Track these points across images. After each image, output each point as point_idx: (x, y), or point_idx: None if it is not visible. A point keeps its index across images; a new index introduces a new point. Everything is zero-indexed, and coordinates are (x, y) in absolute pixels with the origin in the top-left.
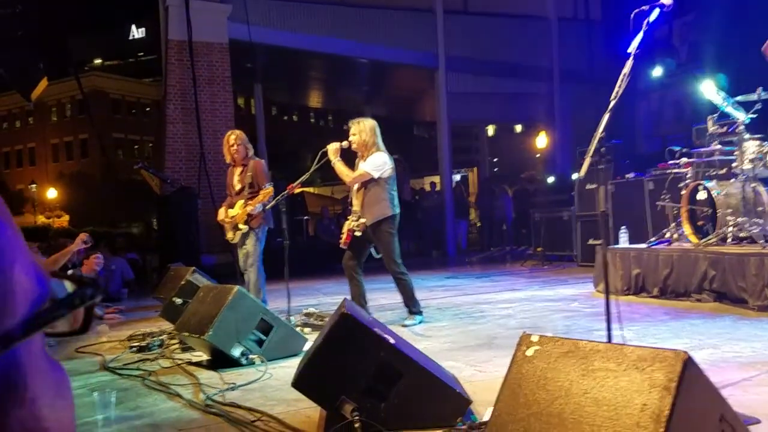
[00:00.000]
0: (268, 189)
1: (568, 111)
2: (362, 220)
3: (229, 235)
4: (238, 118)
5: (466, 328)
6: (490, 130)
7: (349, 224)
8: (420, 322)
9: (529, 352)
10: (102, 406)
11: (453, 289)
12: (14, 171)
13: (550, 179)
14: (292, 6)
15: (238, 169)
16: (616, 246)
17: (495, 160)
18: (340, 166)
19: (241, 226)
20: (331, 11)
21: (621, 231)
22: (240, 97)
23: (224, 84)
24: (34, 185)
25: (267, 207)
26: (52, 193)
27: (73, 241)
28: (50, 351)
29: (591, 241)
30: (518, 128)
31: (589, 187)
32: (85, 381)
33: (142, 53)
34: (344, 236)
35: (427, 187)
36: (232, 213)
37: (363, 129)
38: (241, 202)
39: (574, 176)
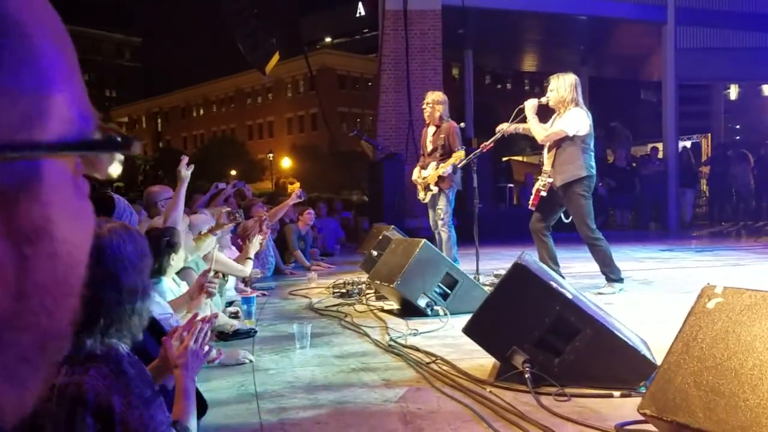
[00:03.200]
0: (460, 152)
1: None
2: (549, 180)
3: (421, 195)
4: (449, 86)
5: (672, 299)
6: (732, 92)
7: (537, 184)
8: (620, 291)
9: (710, 305)
10: (300, 336)
11: (666, 261)
12: (256, 142)
13: None
14: None
15: (432, 130)
16: None
17: (737, 127)
18: (533, 123)
19: (432, 187)
20: None
21: None
22: (453, 68)
23: (435, 51)
24: (271, 155)
25: (458, 166)
26: (286, 163)
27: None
28: (269, 292)
29: None
30: (766, 90)
31: None
32: (292, 317)
33: (366, 30)
34: (533, 197)
35: (647, 154)
36: (425, 174)
37: (561, 84)
38: (433, 163)
39: None
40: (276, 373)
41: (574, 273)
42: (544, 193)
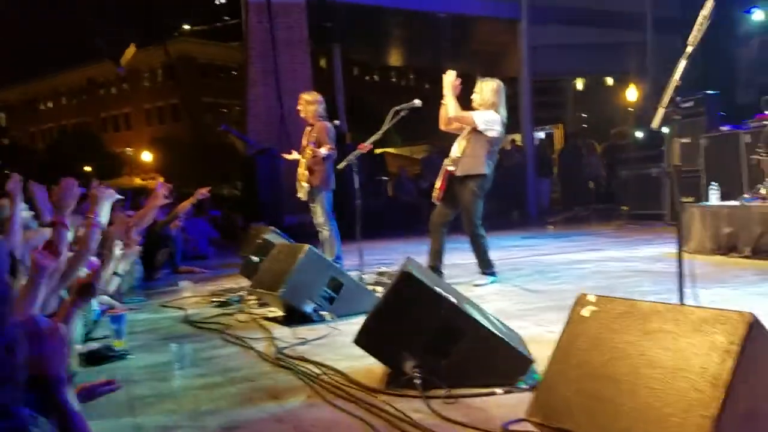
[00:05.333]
0: (318, 149)
1: (662, 62)
2: (451, 168)
3: (300, 193)
4: (319, 79)
5: (539, 288)
6: (579, 84)
7: (444, 168)
8: (492, 283)
9: (585, 313)
10: (179, 357)
11: (529, 249)
12: (112, 135)
13: (639, 134)
14: None
15: (308, 129)
16: (705, 204)
17: (584, 116)
18: (451, 98)
19: (303, 183)
20: None
21: (711, 188)
22: (320, 58)
23: (302, 45)
24: (129, 149)
25: (340, 167)
26: (146, 157)
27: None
28: (138, 305)
29: (683, 199)
30: (609, 81)
31: (683, 141)
32: (168, 334)
33: (227, 17)
34: (438, 189)
35: (507, 146)
36: (299, 171)
37: (485, 88)
38: (303, 160)
39: (664, 130)
40: (156, 401)
41: (451, 264)
42: (451, 168)
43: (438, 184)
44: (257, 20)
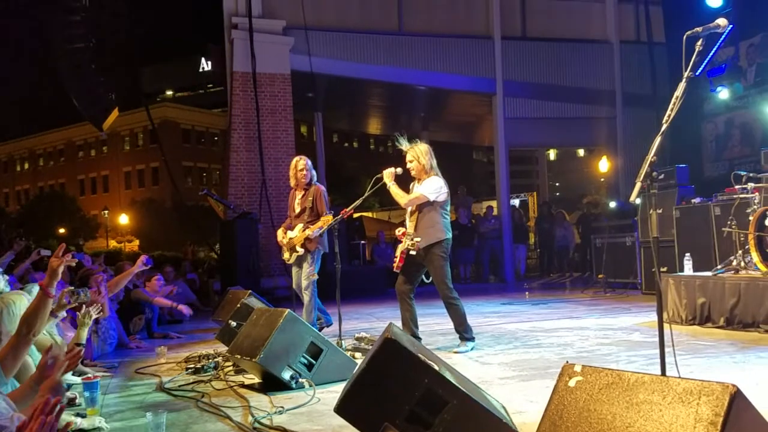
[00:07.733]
0: (328, 217)
1: (631, 135)
2: (417, 240)
3: (286, 255)
4: (299, 145)
5: (520, 356)
6: (552, 154)
7: (403, 246)
8: (472, 349)
9: (572, 383)
10: (154, 428)
11: (509, 316)
12: (89, 197)
13: (612, 204)
14: (351, 37)
15: (300, 193)
16: (680, 274)
17: (557, 184)
18: (395, 189)
19: (298, 248)
20: (389, 40)
21: (685, 258)
22: (302, 125)
23: (286, 113)
24: (106, 211)
25: (322, 231)
26: (123, 219)
27: (133, 264)
28: (112, 372)
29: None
30: (580, 152)
31: (654, 212)
32: (142, 401)
33: (211, 85)
34: (397, 259)
35: (483, 212)
36: (291, 235)
37: (420, 153)
38: (300, 225)
39: (637, 201)
40: None
41: (431, 331)
42: (413, 252)
43: (398, 253)
44: (242, 89)
